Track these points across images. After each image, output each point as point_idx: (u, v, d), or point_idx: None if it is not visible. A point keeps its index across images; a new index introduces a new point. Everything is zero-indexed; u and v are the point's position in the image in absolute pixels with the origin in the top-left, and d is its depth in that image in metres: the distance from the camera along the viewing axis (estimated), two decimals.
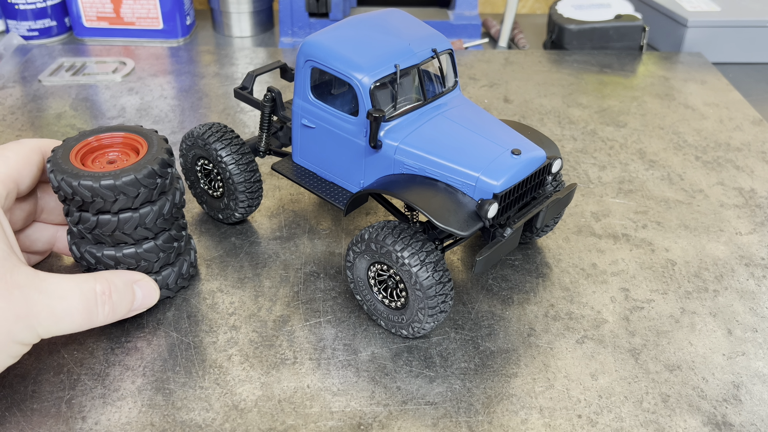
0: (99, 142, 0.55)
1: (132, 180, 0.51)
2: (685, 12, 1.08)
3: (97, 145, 0.55)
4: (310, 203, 0.71)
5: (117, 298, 0.51)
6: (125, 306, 0.52)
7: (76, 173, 0.50)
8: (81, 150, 0.54)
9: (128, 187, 0.51)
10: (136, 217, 0.52)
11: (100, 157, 0.55)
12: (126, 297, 0.52)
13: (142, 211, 0.53)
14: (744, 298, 0.61)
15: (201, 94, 0.93)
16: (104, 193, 0.50)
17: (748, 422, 0.50)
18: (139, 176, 0.51)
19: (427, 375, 0.53)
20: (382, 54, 0.56)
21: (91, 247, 0.54)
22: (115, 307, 0.51)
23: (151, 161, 0.52)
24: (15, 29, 1.08)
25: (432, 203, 0.52)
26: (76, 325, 0.48)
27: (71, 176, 0.50)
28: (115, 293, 0.51)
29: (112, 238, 0.53)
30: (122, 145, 0.56)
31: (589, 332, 0.57)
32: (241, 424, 0.49)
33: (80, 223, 0.52)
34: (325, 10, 1.08)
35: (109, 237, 0.53)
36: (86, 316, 0.49)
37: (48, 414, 0.49)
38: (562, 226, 0.69)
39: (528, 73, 1.02)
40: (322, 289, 0.60)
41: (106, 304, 0.50)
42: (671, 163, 0.80)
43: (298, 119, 0.61)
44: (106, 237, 0.53)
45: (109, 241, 0.53)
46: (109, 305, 0.50)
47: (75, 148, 0.54)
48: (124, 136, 0.56)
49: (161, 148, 0.54)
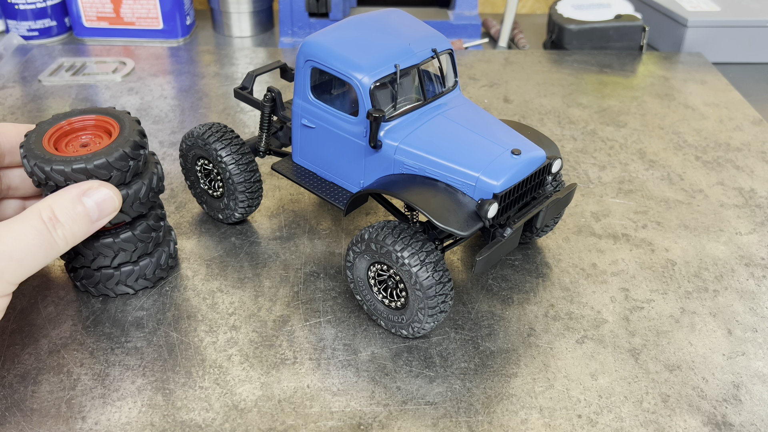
0: (71, 126, 0.56)
1: (104, 163, 0.51)
2: (685, 12, 1.08)
3: (69, 129, 0.56)
4: (310, 203, 0.71)
5: (65, 217, 0.49)
6: (81, 222, 0.50)
7: (49, 158, 0.51)
8: (54, 134, 0.54)
9: (100, 170, 0.51)
10: None
11: (73, 141, 0.55)
12: (76, 212, 0.50)
13: None
14: (744, 298, 0.61)
15: (201, 94, 0.93)
16: (77, 177, 0.51)
17: (748, 422, 0.50)
18: (111, 159, 0.52)
19: (427, 375, 0.53)
20: (382, 54, 0.56)
21: None
22: (70, 226, 0.49)
23: (123, 144, 0.53)
24: (15, 29, 1.08)
25: (432, 203, 0.52)
26: (40, 259, 0.48)
27: (44, 161, 0.51)
28: (62, 213, 0.49)
29: None
30: (95, 128, 0.56)
31: (589, 332, 0.57)
32: (241, 424, 0.49)
33: None
34: (325, 10, 1.08)
35: None
36: (47, 247, 0.48)
37: (48, 414, 0.49)
38: (562, 226, 0.69)
39: (528, 73, 1.02)
40: (322, 289, 0.60)
41: (57, 227, 0.48)
42: (671, 163, 0.80)
43: (298, 119, 0.61)
44: None
45: None
46: (61, 228, 0.49)
47: (48, 132, 0.54)
48: (96, 119, 0.56)
49: (133, 130, 0.54)
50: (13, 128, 0.57)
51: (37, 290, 0.60)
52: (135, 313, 0.57)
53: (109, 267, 0.57)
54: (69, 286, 0.60)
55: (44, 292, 0.59)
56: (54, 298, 0.59)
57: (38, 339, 0.55)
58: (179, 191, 0.72)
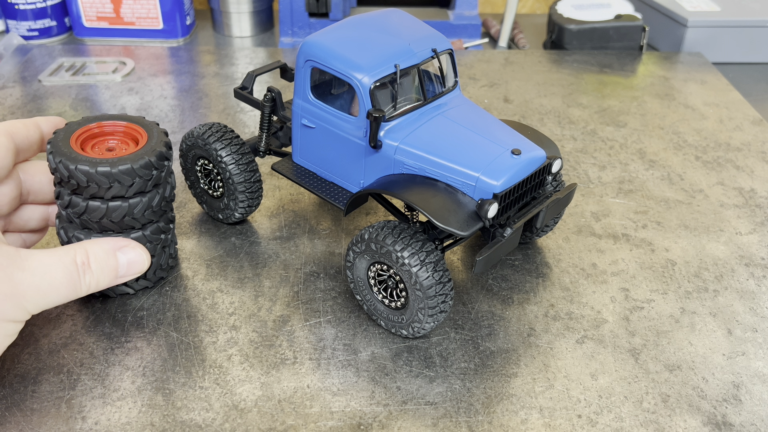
0: (101, 129, 0.56)
1: (128, 169, 0.52)
2: (685, 12, 1.08)
3: (98, 132, 0.56)
4: (310, 203, 0.71)
5: (97, 266, 0.51)
6: (108, 274, 0.52)
7: (75, 157, 0.51)
8: (82, 135, 0.55)
9: (124, 175, 0.52)
10: (125, 206, 0.53)
11: (99, 144, 0.56)
12: (108, 264, 0.51)
13: (132, 201, 0.53)
14: (744, 298, 0.61)
15: (201, 94, 0.93)
16: (100, 179, 0.51)
17: (748, 422, 0.50)
18: (136, 166, 0.52)
19: (427, 375, 0.53)
20: (382, 54, 0.56)
21: (78, 233, 0.55)
22: (98, 275, 0.51)
23: (149, 153, 0.53)
24: (15, 29, 1.08)
25: (432, 203, 0.52)
26: (62, 297, 0.49)
27: (69, 159, 0.51)
28: (95, 262, 0.51)
29: (99, 225, 0.54)
30: (123, 134, 0.57)
31: (589, 332, 0.57)
32: (241, 424, 0.49)
33: (70, 207, 0.53)
34: (325, 10, 1.08)
35: (96, 224, 0.54)
36: (71, 288, 0.49)
37: (48, 414, 0.49)
38: (562, 226, 0.69)
39: (528, 73, 1.02)
40: (322, 289, 0.60)
41: (86, 273, 0.50)
42: (671, 163, 0.80)
43: (298, 119, 0.61)
44: (93, 223, 0.54)
45: (96, 228, 0.54)
46: (90, 275, 0.50)
47: (76, 132, 0.55)
48: (126, 126, 0.56)
49: (160, 141, 0.55)
50: (21, 124, 0.57)
51: None
52: (135, 313, 0.57)
53: None
54: None
55: None
56: None
57: (38, 339, 0.55)
58: (179, 191, 0.72)
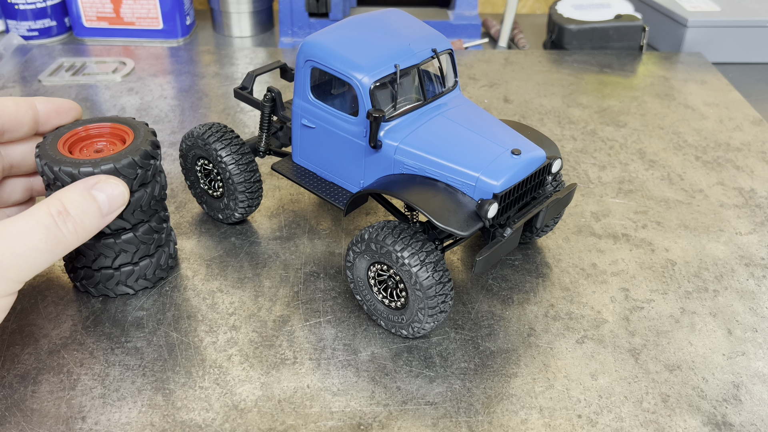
0: (87, 132, 0.57)
1: (111, 169, 0.52)
2: (685, 12, 1.08)
3: (85, 135, 0.56)
4: (310, 203, 0.71)
5: (76, 211, 0.48)
6: (91, 215, 0.49)
7: (59, 159, 0.52)
8: (70, 139, 0.55)
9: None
10: None
11: (88, 147, 0.56)
12: (88, 207, 0.48)
13: None
14: (744, 298, 0.61)
15: (201, 94, 0.93)
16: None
17: (748, 422, 0.50)
18: (119, 166, 0.52)
19: (427, 375, 0.53)
20: (382, 54, 0.56)
21: None
22: (81, 219, 0.48)
23: (133, 152, 0.53)
24: (15, 29, 1.08)
25: (432, 203, 0.52)
26: (47, 254, 0.46)
27: (53, 162, 0.52)
28: (72, 207, 0.48)
29: None
30: (110, 135, 0.57)
31: (589, 332, 0.57)
32: (241, 424, 0.49)
33: None
34: (325, 10, 1.08)
35: None
36: (53, 242, 0.46)
37: (48, 414, 0.49)
38: (562, 226, 0.69)
39: (528, 73, 1.02)
40: (322, 289, 0.60)
41: (67, 221, 0.47)
42: (671, 163, 0.80)
43: (298, 119, 0.61)
44: None
45: None
46: (71, 221, 0.47)
47: (64, 136, 0.55)
48: (111, 126, 0.57)
49: (146, 140, 0.55)
50: (12, 103, 0.55)
51: (37, 290, 0.60)
52: (135, 313, 0.57)
53: (109, 267, 0.57)
54: (69, 286, 0.60)
55: (44, 292, 0.59)
56: (54, 298, 0.59)
57: (38, 339, 0.55)
58: (179, 191, 0.72)
